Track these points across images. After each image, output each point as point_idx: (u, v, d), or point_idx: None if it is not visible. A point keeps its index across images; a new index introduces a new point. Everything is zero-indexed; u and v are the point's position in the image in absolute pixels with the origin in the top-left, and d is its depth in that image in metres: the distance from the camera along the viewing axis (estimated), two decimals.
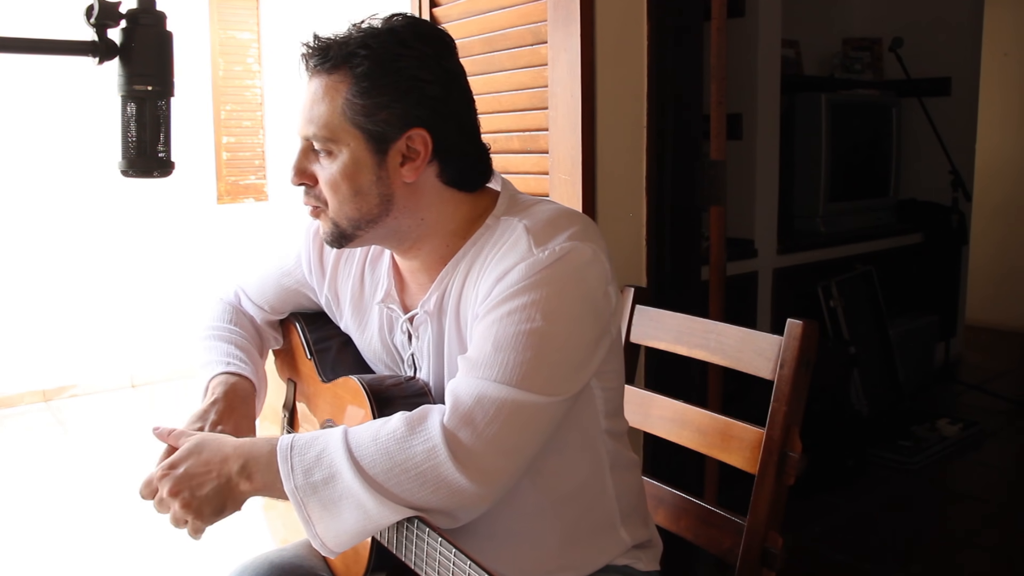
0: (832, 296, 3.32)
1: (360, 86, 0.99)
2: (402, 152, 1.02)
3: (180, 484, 0.97)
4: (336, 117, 1.01)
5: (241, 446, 0.99)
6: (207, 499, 0.96)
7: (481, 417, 0.94)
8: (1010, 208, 5.10)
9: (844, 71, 4.06)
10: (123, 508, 2.97)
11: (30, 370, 4.36)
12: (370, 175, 1.02)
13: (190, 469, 0.97)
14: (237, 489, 0.97)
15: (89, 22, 0.91)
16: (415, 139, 1.02)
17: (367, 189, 1.03)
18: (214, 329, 1.28)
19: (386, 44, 1.00)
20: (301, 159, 1.05)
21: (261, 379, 1.26)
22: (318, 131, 1.02)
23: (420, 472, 0.92)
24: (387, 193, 1.03)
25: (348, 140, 1.01)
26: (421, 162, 1.03)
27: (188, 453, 0.99)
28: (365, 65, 0.99)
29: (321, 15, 4.58)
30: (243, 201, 5.29)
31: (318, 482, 0.94)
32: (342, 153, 1.02)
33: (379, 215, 1.04)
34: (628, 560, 1.16)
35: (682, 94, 1.93)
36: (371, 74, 0.99)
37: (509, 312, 0.97)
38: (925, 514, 2.81)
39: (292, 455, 0.95)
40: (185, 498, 0.96)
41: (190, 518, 0.97)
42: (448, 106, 1.04)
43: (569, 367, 1.00)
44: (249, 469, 0.97)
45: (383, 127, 1.00)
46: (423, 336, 1.11)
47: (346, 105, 1.00)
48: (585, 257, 0.99)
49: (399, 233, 1.07)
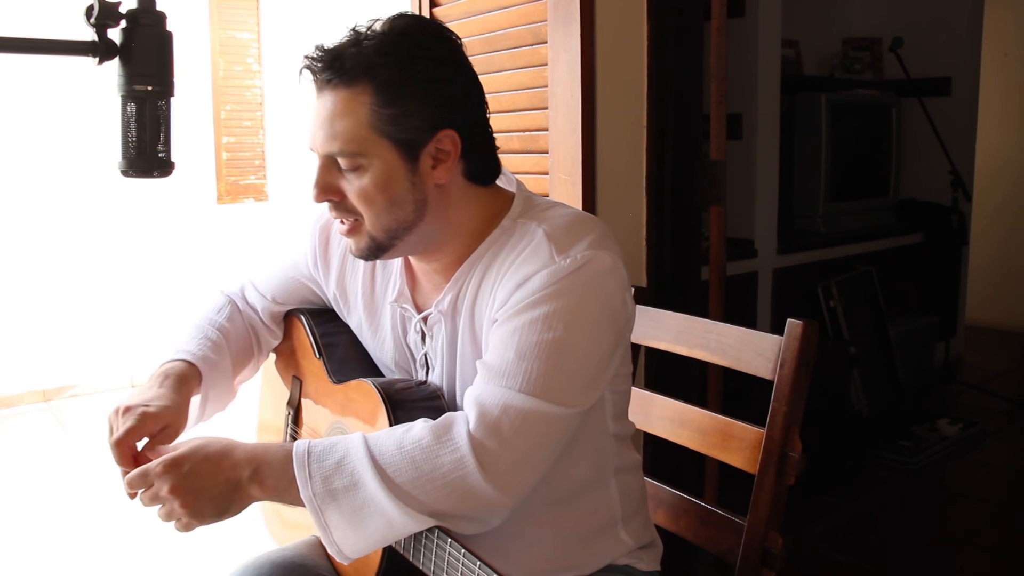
0: (832, 296, 3.33)
1: (384, 96, 0.97)
2: (432, 155, 1.01)
3: (183, 483, 0.94)
4: (363, 130, 0.98)
5: (252, 451, 0.97)
6: (211, 501, 0.94)
7: (508, 427, 0.93)
8: (1010, 208, 5.10)
9: (844, 71, 4.06)
10: (123, 508, 2.97)
11: (30, 370, 4.36)
12: (404, 183, 1.00)
13: (195, 468, 0.95)
14: (245, 494, 0.96)
15: (89, 22, 0.91)
16: (444, 140, 1.00)
17: (402, 197, 1.01)
18: (198, 318, 1.27)
19: (403, 49, 0.98)
20: (323, 175, 1.02)
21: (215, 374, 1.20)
22: (344, 147, 0.99)
23: (448, 482, 0.92)
24: (421, 198, 1.02)
25: (378, 151, 0.99)
26: (452, 162, 1.02)
27: (193, 451, 0.96)
28: (386, 73, 0.97)
29: (321, 15, 4.59)
30: (243, 201, 5.30)
31: (338, 489, 0.92)
32: (373, 165, 0.99)
33: (415, 221, 1.03)
34: (629, 560, 1.16)
35: (682, 94, 1.93)
36: (393, 81, 0.97)
37: (531, 320, 0.96)
38: (925, 514, 2.81)
39: (310, 461, 0.94)
40: (187, 499, 0.94)
41: (185, 518, 0.95)
42: (470, 101, 1.03)
43: (589, 378, 1.00)
44: (261, 475, 0.95)
45: (413, 133, 0.99)
46: (436, 336, 1.11)
47: (372, 116, 0.97)
48: (605, 266, 0.99)
49: (429, 237, 1.06)
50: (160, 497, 0.95)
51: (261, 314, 1.31)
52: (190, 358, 1.18)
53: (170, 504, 0.95)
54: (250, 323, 1.30)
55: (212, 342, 1.22)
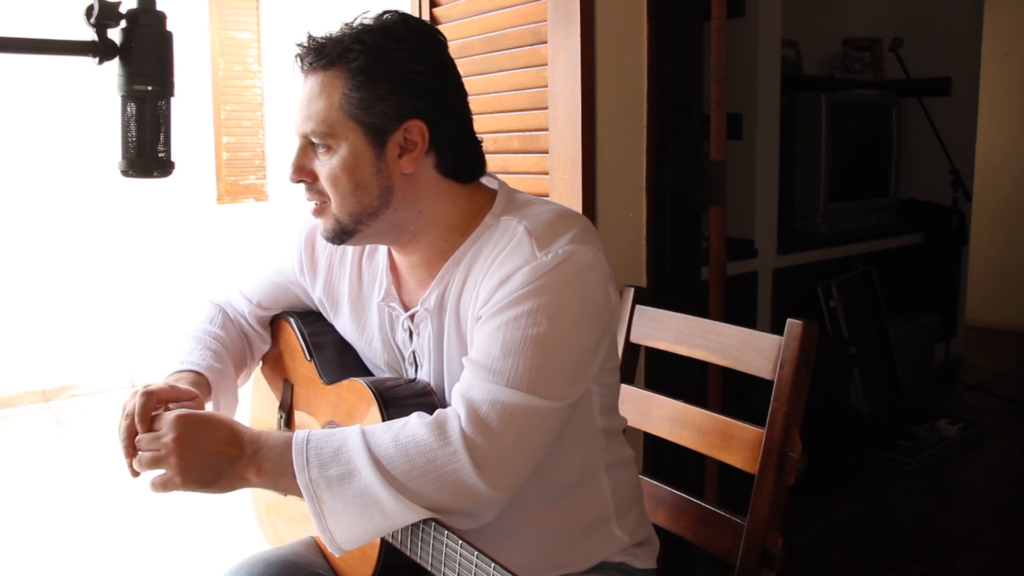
0: (832, 296, 3.32)
1: (356, 80, 1.01)
2: (400, 144, 1.03)
3: (185, 435, 0.97)
4: (334, 112, 1.02)
5: (255, 434, 1.00)
6: (204, 462, 0.97)
7: (497, 422, 0.95)
8: (1010, 208, 5.10)
9: (844, 71, 4.06)
10: (123, 508, 2.97)
11: (30, 370, 4.36)
12: (370, 167, 1.03)
13: (202, 429, 0.98)
14: (240, 474, 0.97)
15: (89, 22, 0.91)
16: (412, 130, 1.03)
17: (367, 181, 1.04)
18: (194, 329, 1.29)
19: (380, 38, 1.02)
20: (300, 156, 1.06)
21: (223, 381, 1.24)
22: (316, 127, 1.03)
23: (440, 475, 0.93)
24: (387, 185, 1.04)
25: (347, 134, 1.02)
26: (419, 153, 1.04)
27: (206, 416, 1.00)
28: (360, 59, 1.01)
29: (321, 15, 4.58)
30: (243, 201, 5.30)
31: (334, 477, 0.94)
32: (341, 147, 1.03)
33: (379, 207, 1.05)
34: (624, 557, 1.17)
35: (682, 94, 1.93)
36: (366, 68, 1.01)
37: (516, 317, 0.98)
38: (925, 514, 2.81)
39: (308, 448, 0.96)
40: (183, 451, 0.96)
41: (172, 472, 0.97)
42: (443, 97, 1.05)
43: (576, 371, 1.01)
44: (260, 457, 0.97)
45: (380, 119, 1.02)
46: (423, 333, 1.12)
47: (343, 99, 1.01)
48: (587, 260, 1.01)
49: (398, 227, 1.08)
50: (161, 443, 0.98)
51: (249, 319, 1.32)
52: (197, 368, 1.20)
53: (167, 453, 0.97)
54: (241, 330, 1.32)
55: (213, 351, 1.24)
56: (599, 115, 1.85)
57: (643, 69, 1.86)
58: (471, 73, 2.05)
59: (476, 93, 2.04)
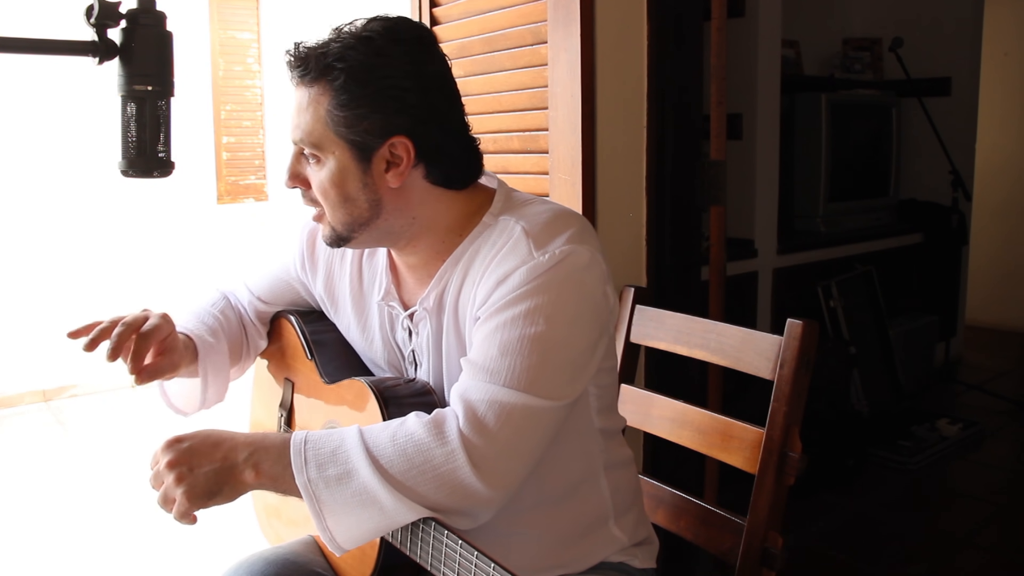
0: (832, 296, 3.33)
1: (339, 98, 1.01)
2: (386, 159, 1.03)
3: (181, 457, 0.97)
4: (320, 126, 1.02)
5: (251, 437, 1.00)
6: (204, 478, 0.96)
7: (494, 422, 0.95)
8: (1010, 208, 5.10)
9: (844, 71, 4.06)
10: (122, 508, 2.97)
11: (30, 370, 4.36)
12: (356, 182, 1.04)
13: (195, 446, 0.98)
14: (239, 478, 0.97)
15: (89, 22, 0.91)
16: (397, 146, 1.03)
17: (355, 195, 1.04)
18: (195, 307, 1.31)
19: (362, 54, 1.00)
20: (294, 163, 1.08)
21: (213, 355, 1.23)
22: (305, 138, 1.04)
23: (438, 475, 0.94)
24: (375, 198, 1.05)
25: (333, 148, 1.03)
26: (405, 167, 1.04)
27: (195, 432, 1.00)
28: (342, 79, 1.00)
29: (321, 15, 4.58)
30: (243, 201, 5.30)
31: (332, 477, 0.94)
32: (328, 161, 1.04)
33: (370, 218, 1.06)
34: (624, 557, 1.17)
35: (682, 94, 1.93)
36: (349, 87, 1.00)
37: (513, 317, 0.98)
38: (925, 514, 2.81)
39: (306, 448, 0.96)
40: (182, 472, 0.96)
41: (179, 495, 0.96)
42: (428, 111, 1.04)
43: (573, 370, 1.01)
44: (257, 458, 0.97)
45: (365, 137, 1.02)
46: (422, 332, 1.13)
47: (328, 116, 1.02)
48: (584, 260, 1.01)
49: (393, 233, 1.09)
50: (159, 474, 0.98)
51: (250, 312, 1.33)
52: (187, 332, 1.22)
53: (166, 480, 0.97)
54: (241, 320, 1.33)
55: (209, 327, 1.26)
56: (599, 115, 1.85)
57: (643, 69, 1.86)
58: (471, 73, 2.05)
59: (476, 93, 2.04)
